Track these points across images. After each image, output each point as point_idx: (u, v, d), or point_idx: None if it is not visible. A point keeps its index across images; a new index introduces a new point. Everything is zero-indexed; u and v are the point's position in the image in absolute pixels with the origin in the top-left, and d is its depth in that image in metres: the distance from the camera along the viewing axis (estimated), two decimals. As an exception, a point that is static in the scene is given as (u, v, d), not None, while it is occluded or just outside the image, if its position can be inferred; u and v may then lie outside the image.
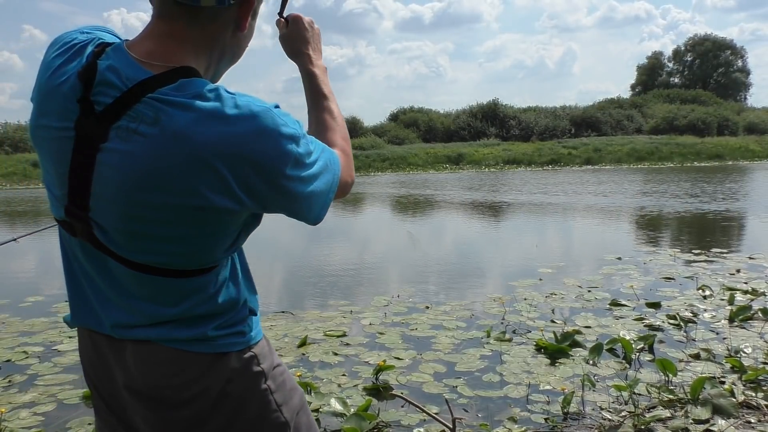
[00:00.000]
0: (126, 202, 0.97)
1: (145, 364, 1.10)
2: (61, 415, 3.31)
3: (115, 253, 1.04)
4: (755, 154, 35.25)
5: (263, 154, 0.97)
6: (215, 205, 0.97)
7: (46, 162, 1.06)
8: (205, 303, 1.10)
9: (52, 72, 1.02)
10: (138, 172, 0.94)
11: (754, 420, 2.98)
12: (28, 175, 26.57)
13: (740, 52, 63.20)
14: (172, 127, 0.93)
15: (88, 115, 0.97)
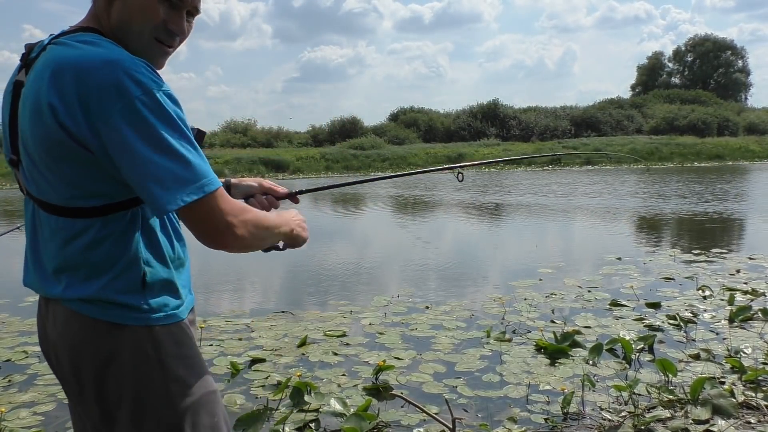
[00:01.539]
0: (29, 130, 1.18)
1: (57, 324, 1.24)
2: (61, 415, 3.30)
3: (30, 193, 1.23)
4: (755, 155, 35.24)
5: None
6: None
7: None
8: (90, 251, 1.19)
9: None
10: (31, 97, 1.16)
11: (753, 420, 2.98)
12: (28, 175, 26.60)
13: (740, 53, 63.23)
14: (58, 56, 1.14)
15: (22, 68, 1.22)
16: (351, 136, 38.30)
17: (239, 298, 6.04)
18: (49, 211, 1.20)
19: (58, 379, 1.34)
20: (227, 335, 4.67)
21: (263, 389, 3.59)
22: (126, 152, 1.09)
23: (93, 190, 1.16)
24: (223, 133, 41.55)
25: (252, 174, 29.07)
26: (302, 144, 39.84)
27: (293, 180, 26.57)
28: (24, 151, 1.19)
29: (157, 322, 1.22)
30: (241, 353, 4.23)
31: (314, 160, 31.94)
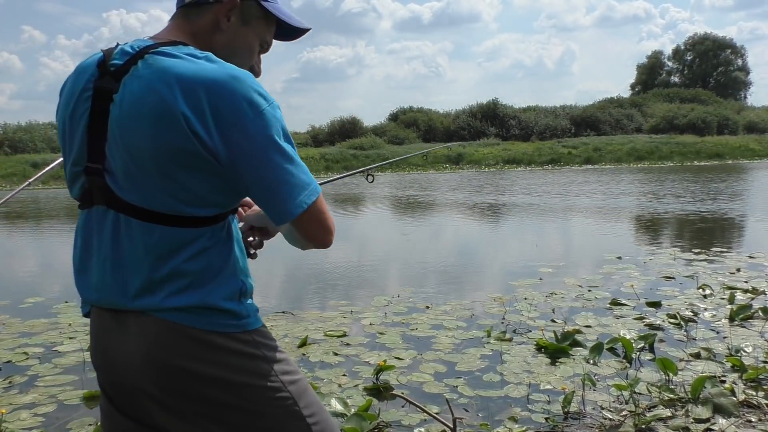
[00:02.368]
0: (134, 139, 1.15)
1: (144, 337, 1.18)
2: (62, 416, 3.30)
3: (123, 201, 1.17)
4: (755, 153, 35.24)
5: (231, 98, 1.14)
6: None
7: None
8: (196, 259, 1.18)
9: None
10: (137, 106, 1.14)
11: (754, 419, 2.98)
12: (28, 176, 26.48)
13: (740, 51, 63.22)
14: (167, 67, 1.14)
15: (104, 76, 1.19)
16: (351, 136, 38.28)
17: (239, 298, 6.03)
18: (152, 220, 1.16)
19: (119, 395, 1.27)
20: (228, 336, 4.66)
21: (264, 390, 3.58)
22: (255, 160, 1.14)
23: (210, 200, 1.18)
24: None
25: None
26: (302, 144, 39.82)
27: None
28: (123, 158, 1.15)
29: (252, 326, 1.26)
30: (242, 354, 4.22)
31: (314, 160, 31.94)
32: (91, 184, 1.20)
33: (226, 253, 1.23)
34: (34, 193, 21.51)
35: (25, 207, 16.86)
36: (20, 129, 35.14)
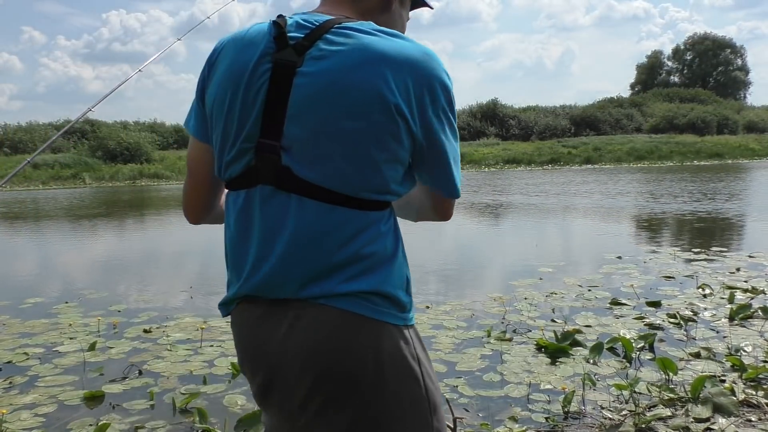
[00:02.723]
0: (327, 117, 1.07)
1: (311, 327, 1.10)
2: (62, 417, 3.31)
3: (302, 180, 1.09)
4: (755, 153, 35.23)
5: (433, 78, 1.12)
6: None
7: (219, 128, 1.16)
8: (373, 243, 1.12)
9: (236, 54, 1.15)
10: (346, 89, 1.06)
11: (754, 418, 2.98)
12: (28, 177, 26.57)
13: (740, 51, 63.22)
14: (367, 43, 1.08)
15: (283, 49, 1.11)
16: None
17: (240, 298, 6.03)
18: (334, 201, 1.09)
19: (275, 391, 1.17)
20: (228, 336, 4.66)
21: (264, 390, 3.58)
22: (440, 139, 1.14)
23: (399, 182, 1.15)
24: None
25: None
26: (302, 144, 39.78)
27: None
28: (310, 136, 1.08)
29: (412, 321, 1.19)
30: (242, 354, 4.22)
31: (314, 160, 31.96)
32: (261, 161, 1.11)
33: (396, 240, 1.18)
34: (33, 194, 21.51)
35: (23, 207, 16.86)
36: (20, 129, 35.16)
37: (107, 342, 4.56)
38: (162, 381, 3.77)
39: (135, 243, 10.70)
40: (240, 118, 1.12)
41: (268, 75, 1.10)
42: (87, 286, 6.59)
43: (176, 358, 4.19)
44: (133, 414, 3.30)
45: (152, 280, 7.23)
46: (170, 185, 25.07)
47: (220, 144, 1.17)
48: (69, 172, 27.48)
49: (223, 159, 1.16)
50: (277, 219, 1.11)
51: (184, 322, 5.08)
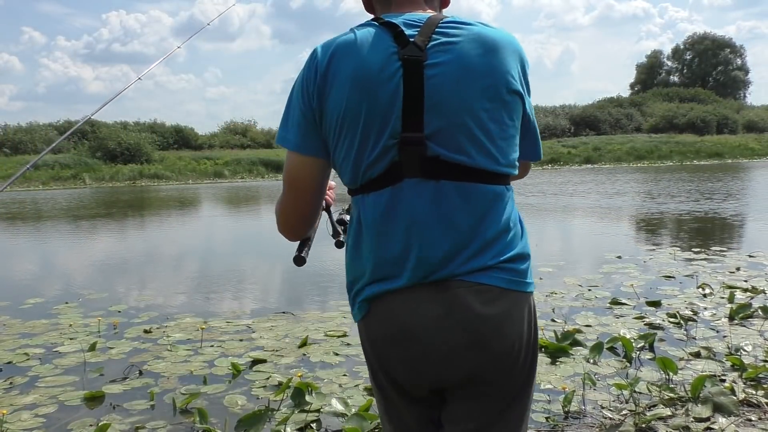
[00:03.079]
0: (466, 99, 1.15)
1: (473, 304, 1.14)
2: (62, 417, 3.31)
3: (451, 164, 1.14)
4: (755, 152, 35.27)
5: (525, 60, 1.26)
6: (519, 90, 1.20)
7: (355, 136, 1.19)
8: (513, 215, 1.22)
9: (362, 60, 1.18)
10: (473, 69, 1.15)
11: (754, 418, 2.98)
12: (28, 177, 26.57)
13: (739, 51, 63.26)
14: (478, 32, 1.19)
15: (406, 46, 1.16)
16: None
17: (240, 298, 6.04)
18: (481, 180, 1.16)
19: (422, 375, 1.20)
20: (228, 336, 4.67)
21: (264, 390, 3.59)
22: (530, 109, 1.28)
23: (513, 159, 1.22)
24: (222, 134, 41.58)
25: (252, 174, 29.10)
26: (302, 144, 39.78)
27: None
28: (452, 121, 1.14)
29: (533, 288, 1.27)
30: (242, 354, 4.23)
31: (314, 160, 31.94)
32: (406, 155, 1.15)
33: (516, 211, 1.27)
34: (32, 194, 21.50)
35: (23, 208, 16.85)
36: (20, 130, 35.17)
37: (107, 342, 4.56)
38: (162, 381, 3.77)
39: (135, 243, 10.70)
40: (382, 117, 1.14)
41: (401, 72, 1.14)
42: (87, 287, 6.59)
43: (176, 358, 4.19)
44: (133, 414, 3.30)
45: (152, 280, 7.23)
46: (170, 185, 25.07)
47: (357, 148, 1.17)
48: (69, 173, 27.49)
49: (362, 162, 1.18)
50: (432, 208, 1.14)
51: (184, 322, 5.08)
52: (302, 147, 1.22)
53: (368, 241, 1.20)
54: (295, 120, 1.22)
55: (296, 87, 1.23)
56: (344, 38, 1.20)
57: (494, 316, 1.15)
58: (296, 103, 1.22)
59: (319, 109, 1.19)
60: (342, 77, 1.16)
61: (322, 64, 1.18)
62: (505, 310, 1.16)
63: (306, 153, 1.23)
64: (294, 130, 1.22)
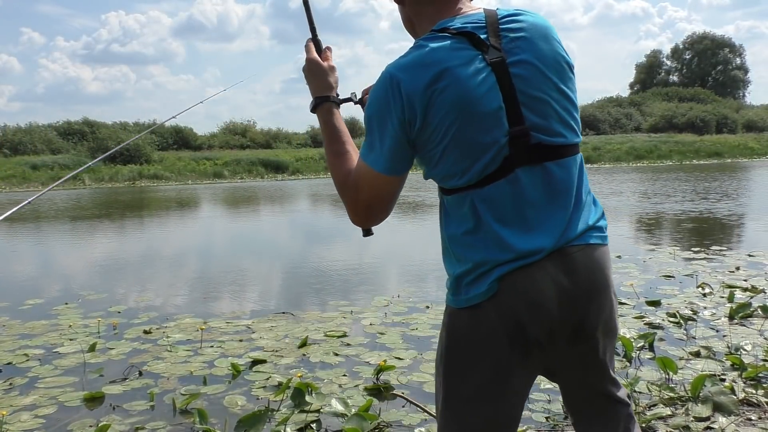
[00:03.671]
0: (550, 88, 1.29)
1: (591, 264, 1.31)
2: (62, 418, 3.31)
3: (554, 146, 1.29)
4: (754, 152, 35.29)
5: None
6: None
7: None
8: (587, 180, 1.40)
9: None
10: (544, 57, 1.29)
11: (754, 417, 2.98)
12: (27, 178, 26.55)
13: (738, 50, 63.28)
14: (532, 21, 1.32)
15: (487, 50, 1.27)
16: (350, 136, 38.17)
17: (239, 299, 6.04)
18: (573, 153, 1.33)
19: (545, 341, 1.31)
20: (228, 336, 4.67)
21: (264, 390, 3.59)
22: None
23: (576, 127, 1.37)
24: (222, 135, 41.56)
25: (251, 175, 29.09)
26: (301, 145, 39.84)
27: (292, 181, 26.57)
28: (541, 108, 1.28)
29: None
30: (242, 354, 4.23)
31: (313, 161, 31.93)
32: (515, 147, 1.26)
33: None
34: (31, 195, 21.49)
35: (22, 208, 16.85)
36: (20, 131, 35.12)
37: (107, 343, 4.56)
38: (162, 382, 3.77)
39: (134, 244, 10.70)
40: (491, 122, 1.25)
41: (493, 77, 1.25)
42: (87, 287, 6.59)
43: (176, 358, 4.19)
44: (133, 415, 3.30)
45: (152, 281, 7.23)
46: (169, 186, 25.07)
47: (470, 155, 1.26)
48: (68, 173, 27.50)
49: (477, 165, 1.26)
50: (545, 190, 1.28)
51: (184, 322, 5.08)
52: (391, 170, 1.31)
53: (491, 227, 1.28)
54: (389, 146, 1.29)
55: (385, 113, 1.27)
56: (425, 55, 1.25)
57: (601, 269, 1.34)
58: (388, 131, 1.28)
59: (419, 132, 1.26)
60: (443, 97, 1.23)
61: (416, 88, 1.23)
62: (604, 262, 1.35)
63: (393, 174, 1.32)
64: (387, 155, 1.30)
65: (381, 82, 1.28)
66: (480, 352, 1.31)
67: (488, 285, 1.28)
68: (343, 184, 1.40)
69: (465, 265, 1.31)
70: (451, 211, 1.33)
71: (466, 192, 1.28)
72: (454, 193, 1.31)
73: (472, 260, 1.30)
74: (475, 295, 1.29)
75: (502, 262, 1.27)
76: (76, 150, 32.04)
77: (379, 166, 1.30)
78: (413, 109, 1.24)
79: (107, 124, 36.85)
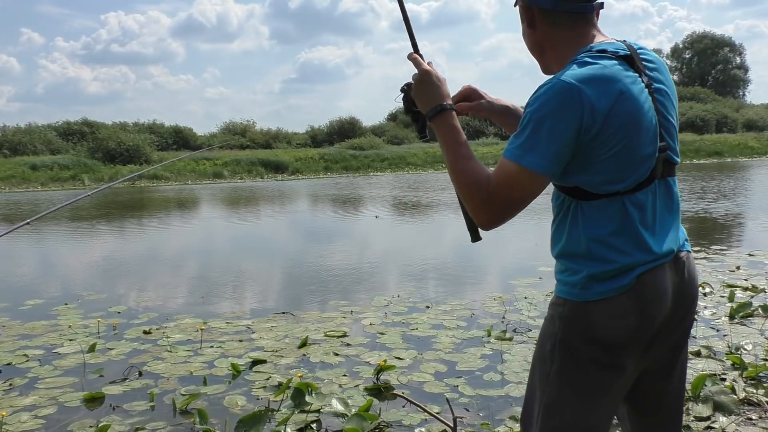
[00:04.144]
0: (674, 115, 1.51)
1: (692, 271, 1.51)
2: (62, 418, 3.31)
3: (676, 164, 1.50)
4: (754, 151, 35.26)
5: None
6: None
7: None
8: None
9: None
10: (670, 88, 1.53)
11: (755, 417, 2.98)
12: (27, 178, 26.51)
13: (738, 49, 63.22)
14: (656, 57, 1.54)
15: (642, 74, 1.45)
16: (350, 136, 38.17)
17: (239, 299, 6.03)
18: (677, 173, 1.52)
19: (653, 342, 1.45)
20: (228, 337, 4.67)
21: (264, 390, 3.59)
22: None
23: None
24: (221, 135, 41.51)
25: (251, 175, 29.10)
26: (301, 145, 39.76)
27: (292, 181, 26.58)
28: (671, 129, 1.48)
29: None
30: (242, 355, 4.23)
31: (313, 160, 31.89)
32: (658, 162, 1.43)
33: None
34: (32, 195, 21.50)
35: (20, 209, 16.84)
36: (19, 131, 35.09)
37: (107, 343, 4.56)
38: (162, 382, 3.77)
39: (134, 244, 10.70)
40: (652, 136, 1.42)
41: (650, 96, 1.43)
42: (86, 288, 6.58)
43: (176, 359, 4.18)
44: (133, 415, 3.30)
45: (152, 281, 7.23)
46: (169, 186, 25.07)
47: (633, 162, 1.40)
48: (68, 174, 27.43)
49: (635, 173, 1.41)
50: (668, 200, 1.48)
51: (184, 323, 5.08)
52: (550, 171, 1.39)
53: (637, 229, 1.42)
54: (556, 149, 1.36)
55: (560, 118, 1.35)
56: (602, 71, 1.38)
57: (697, 275, 1.55)
58: (560, 134, 1.35)
59: (592, 139, 1.36)
60: (621, 110, 1.36)
61: (599, 100, 1.34)
62: (696, 269, 1.55)
63: (551, 175, 1.40)
64: (551, 157, 1.37)
65: (558, 90, 1.35)
66: (606, 341, 1.41)
67: (628, 281, 1.40)
68: (476, 184, 1.47)
69: (609, 265, 1.40)
70: (591, 214, 1.42)
71: (620, 196, 1.40)
72: (601, 198, 1.41)
73: (619, 261, 1.40)
74: (612, 289, 1.40)
75: (644, 262, 1.41)
76: (75, 150, 31.98)
77: (541, 167, 1.37)
78: (594, 118, 1.33)
79: (107, 125, 36.77)
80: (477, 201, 1.47)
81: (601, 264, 1.40)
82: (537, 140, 1.36)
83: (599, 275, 1.41)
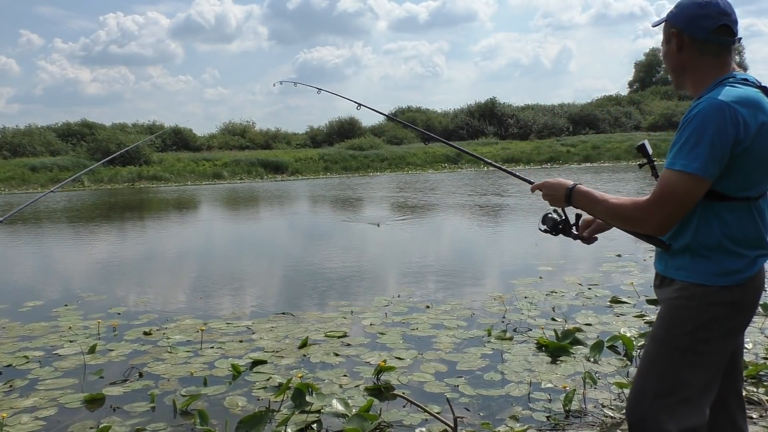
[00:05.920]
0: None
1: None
2: (63, 420, 3.30)
3: None
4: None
5: None
6: None
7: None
8: None
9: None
10: None
11: (755, 415, 2.98)
12: (27, 180, 26.51)
13: (737, 48, 63.26)
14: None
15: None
16: (349, 136, 38.21)
17: (240, 300, 6.03)
18: None
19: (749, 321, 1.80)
20: (228, 337, 4.66)
21: (265, 391, 3.58)
22: None
23: None
24: (221, 135, 41.51)
25: (251, 175, 29.10)
26: (300, 145, 39.77)
27: (292, 181, 26.57)
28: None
29: None
30: (242, 355, 4.23)
31: (313, 161, 31.89)
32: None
33: None
34: (31, 196, 21.49)
35: (21, 209, 16.83)
36: (19, 132, 35.08)
37: (107, 344, 4.56)
38: (162, 383, 3.77)
39: (134, 245, 10.69)
40: None
41: None
42: (86, 289, 6.58)
43: (176, 360, 4.18)
44: (133, 416, 3.30)
45: (152, 282, 7.23)
46: (169, 187, 25.07)
47: (765, 174, 1.70)
48: (68, 175, 27.44)
49: (764, 183, 1.71)
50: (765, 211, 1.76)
51: (184, 324, 5.08)
52: (711, 174, 1.63)
53: (759, 229, 1.73)
54: (716, 156, 1.62)
55: (721, 131, 1.61)
56: (751, 97, 1.65)
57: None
58: (719, 143, 1.61)
59: (743, 151, 1.63)
60: (763, 130, 1.65)
61: (752, 119, 1.63)
62: None
63: (711, 178, 1.64)
64: (711, 164, 1.62)
65: (717, 108, 1.61)
66: (733, 319, 1.73)
67: (754, 271, 1.72)
68: (633, 204, 1.85)
69: (742, 260, 1.71)
70: (724, 215, 1.70)
71: (752, 201, 1.71)
72: (734, 201, 1.69)
73: (751, 255, 1.72)
74: (744, 278, 1.71)
75: (764, 255, 1.75)
76: (75, 151, 31.98)
77: (705, 172, 1.62)
78: (747, 133, 1.62)
79: (106, 126, 36.79)
80: (639, 213, 1.80)
81: (736, 259, 1.70)
82: (700, 151, 1.62)
83: (733, 266, 1.69)
